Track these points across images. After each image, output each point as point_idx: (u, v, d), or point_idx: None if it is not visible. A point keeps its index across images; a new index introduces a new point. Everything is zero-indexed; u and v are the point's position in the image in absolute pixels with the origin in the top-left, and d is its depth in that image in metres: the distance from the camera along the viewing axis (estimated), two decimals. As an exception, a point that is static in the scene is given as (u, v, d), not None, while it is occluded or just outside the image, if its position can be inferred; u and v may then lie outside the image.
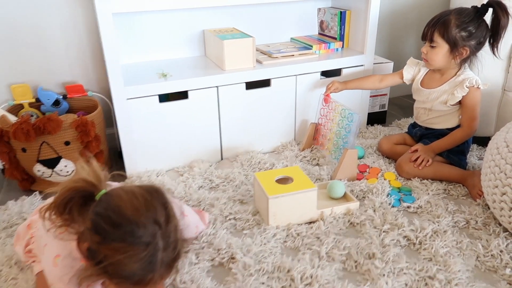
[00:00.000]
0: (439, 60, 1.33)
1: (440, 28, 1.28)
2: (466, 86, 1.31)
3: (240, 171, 1.44)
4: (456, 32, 1.27)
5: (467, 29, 1.27)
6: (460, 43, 1.28)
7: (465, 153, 1.42)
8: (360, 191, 1.31)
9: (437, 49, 1.31)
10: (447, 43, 1.29)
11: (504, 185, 1.05)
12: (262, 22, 1.72)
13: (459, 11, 1.29)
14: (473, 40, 1.28)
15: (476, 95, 1.33)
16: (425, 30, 1.33)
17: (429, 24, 1.32)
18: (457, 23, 1.27)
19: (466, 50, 1.29)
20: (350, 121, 1.36)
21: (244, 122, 1.53)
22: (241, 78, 1.46)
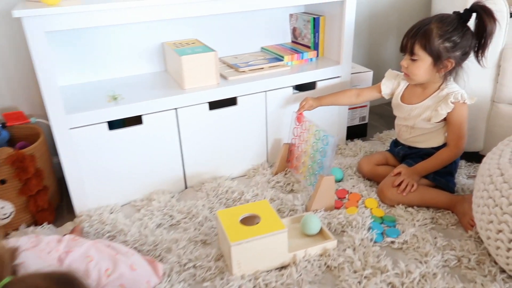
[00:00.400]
0: (421, 74, 1.18)
1: (421, 40, 1.14)
2: (451, 101, 1.18)
3: (204, 203, 1.28)
4: (439, 43, 1.13)
5: (451, 39, 1.13)
6: (444, 55, 1.14)
7: (453, 173, 1.29)
8: (338, 224, 1.16)
9: (419, 63, 1.17)
10: (430, 56, 1.15)
11: (500, 222, 0.91)
12: (229, 31, 1.56)
13: (441, 18, 1.15)
14: (458, 50, 1.14)
15: (462, 111, 1.19)
16: (404, 42, 1.19)
17: (408, 35, 1.17)
18: (439, 33, 1.13)
19: (451, 62, 1.15)
20: (325, 144, 1.22)
21: (209, 146, 1.37)
22: (203, 98, 1.30)
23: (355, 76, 1.60)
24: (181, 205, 1.27)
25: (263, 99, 1.40)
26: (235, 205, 1.28)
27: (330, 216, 1.20)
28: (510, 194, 0.89)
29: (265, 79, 1.38)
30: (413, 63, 1.18)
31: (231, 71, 1.43)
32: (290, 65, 1.50)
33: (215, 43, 1.53)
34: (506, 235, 0.89)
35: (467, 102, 1.18)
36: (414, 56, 1.16)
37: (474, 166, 1.43)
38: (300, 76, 1.44)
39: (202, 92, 1.29)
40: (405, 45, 1.18)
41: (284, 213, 1.23)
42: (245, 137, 1.42)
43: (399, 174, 1.24)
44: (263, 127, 1.44)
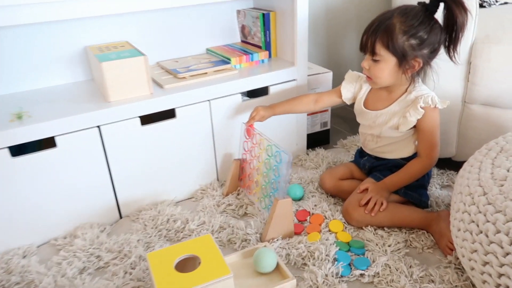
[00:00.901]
0: (385, 77, 1.02)
1: (382, 37, 0.97)
2: (421, 106, 1.02)
3: (140, 238, 1.06)
4: (404, 40, 0.97)
5: (417, 35, 0.97)
6: (410, 53, 0.98)
7: (426, 186, 1.14)
8: (298, 256, 0.98)
9: (382, 64, 1.01)
10: (394, 56, 0.99)
11: (486, 252, 0.76)
12: (169, 32, 1.35)
13: (404, 11, 0.98)
14: (425, 48, 0.98)
15: (433, 116, 1.04)
16: (363, 40, 1.02)
17: (368, 32, 1.00)
18: (403, 29, 0.96)
19: (418, 61, 0.99)
20: (278, 162, 1.03)
21: (145, 167, 1.16)
22: (133, 112, 1.09)
23: (313, 78, 1.43)
24: (112, 242, 1.05)
25: (207, 109, 1.20)
26: (177, 237, 1.08)
27: (288, 245, 1.02)
28: (497, 219, 0.74)
29: (209, 86, 1.18)
30: (376, 64, 1.02)
31: (169, 77, 1.23)
32: (238, 68, 1.31)
33: (152, 45, 1.32)
34: (494, 268, 0.74)
35: (438, 106, 1.03)
36: (376, 56, 1.00)
37: (447, 173, 1.29)
38: (250, 81, 1.25)
39: (131, 104, 1.08)
40: (365, 43, 1.01)
41: (235, 244, 1.04)
42: (188, 154, 1.22)
43: (366, 190, 1.08)
44: (209, 142, 1.24)
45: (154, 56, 1.36)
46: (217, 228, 1.09)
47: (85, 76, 1.27)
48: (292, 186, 1.21)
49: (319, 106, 1.22)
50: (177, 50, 1.40)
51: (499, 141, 0.93)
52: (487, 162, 0.87)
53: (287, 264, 0.97)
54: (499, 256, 0.73)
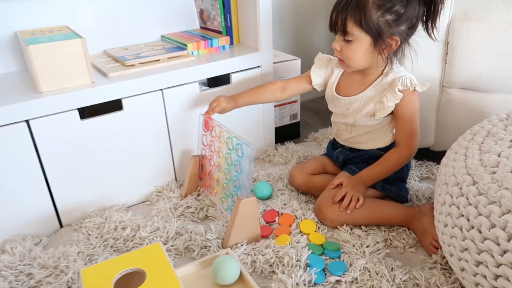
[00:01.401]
0: (359, 59, 0.91)
1: (354, 14, 0.86)
2: (399, 89, 0.92)
3: (82, 250, 0.91)
4: (379, 16, 0.85)
5: (393, 10, 0.86)
6: (386, 31, 0.87)
7: (405, 179, 1.03)
8: (265, 263, 0.85)
9: (355, 44, 0.89)
10: (368, 34, 0.87)
11: (480, 251, 0.65)
12: (120, 16, 1.20)
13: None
14: (403, 23, 0.87)
15: (413, 100, 0.94)
16: (332, 18, 0.90)
17: (337, 8, 0.88)
18: (377, 3, 0.85)
19: (395, 39, 0.88)
20: (240, 155, 0.90)
21: (89, 168, 1.01)
22: (69, 103, 0.93)
23: (280, 65, 1.31)
24: (47, 256, 0.89)
25: (160, 99, 1.05)
26: (126, 247, 0.93)
27: (254, 251, 0.89)
28: (492, 211, 0.63)
29: (161, 74, 1.04)
30: (348, 45, 0.90)
31: (115, 65, 1.08)
32: (196, 55, 1.18)
33: (99, 32, 1.18)
34: (490, 269, 0.63)
35: (418, 89, 0.92)
36: (348, 36, 0.88)
37: (426, 164, 1.19)
38: (209, 68, 1.11)
39: (68, 95, 0.93)
40: (335, 22, 0.90)
41: (194, 252, 0.90)
42: (140, 152, 1.07)
43: (340, 185, 0.96)
44: (164, 137, 1.10)
45: (101, 44, 1.20)
46: (172, 234, 0.94)
47: (19, 66, 1.10)
48: (259, 184, 1.08)
49: (287, 94, 1.09)
50: (128, 37, 1.25)
51: (485, 125, 0.83)
52: (474, 148, 0.77)
53: (253, 273, 0.84)
54: (495, 255, 0.62)
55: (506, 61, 1.02)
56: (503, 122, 0.80)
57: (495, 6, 1.01)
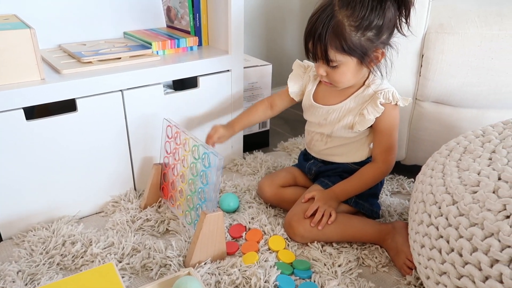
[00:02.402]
0: (349, 79, 0.87)
1: (333, 42, 0.80)
2: (380, 103, 0.88)
3: (22, 268, 0.80)
4: (359, 36, 0.80)
5: (372, 26, 0.80)
6: (370, 47, 0.82)
7: (378, 194, 1.00)
8: (230, 284, 0.78)
9: (342, 68, 0.84)
10: (353, 56, 0.82)
11: (459, 276, 0.61)
12: (78, 10, 1.09)
13: (342, 3, 0.79)
14: (384, 34, 0.83)
15: (393, 114, 0.90)
16: (309, 47, 0.84)
17: (313, 38, 0.82)
18: (354, 24, 0.79)
19: (380, 51, 0.84)
20: (206, 166, 0.83)
21: (35, 174, 0.90)
22: (14, 101, 0.83)
23: (251, 70, 1.25)
24: (-19, 275, 0.78)
25: (119, 101, 0.97)
26: (74, 265, 0.83)
27: (219, 270, 0.81)
28: (474, 234, 0.59)
29: (121, 73, 0.95)
30: (334, 70, 0.85)
31: (70, 62, 0.98)
32: (161, 55, 1.10)
33: (54, 25, 1.07)
34: (471, 295, 0.60)
35: (399, 104, 0.89)
36: (333, 63, 0.83)
37: (397, 178, 1.17)
38: (175, 69, 1.04)
39: (13, 92, 0.82)
40: (314, 52, 0.84)
41: (152, 272, 0.81)
42: (96, 158, 0.97)
43: (312, 199, 0.91)
44: (123, 142, 1.00)
45: (56, 38, 1.10)
46: (129, 251, 0.85)
47: (-42, 57, 0.98)
48: (225, 196, 1.01)
49: (276, 110, 1.06)
50: (87, 32, 1.14)
51: (461, 141, 0.80)
52: (452, 165, 0.74)
53: (217, 296, 0.77)
54: (476, 281, 0.58)
55: (479, 77, 1.01)
56: (479, 138, 0.78)
57: (470, 20, 1.00)
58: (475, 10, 1.03)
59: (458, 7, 1.06)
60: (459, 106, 1.08)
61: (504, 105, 1.06)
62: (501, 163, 0.67)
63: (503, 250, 0.56)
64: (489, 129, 0.80)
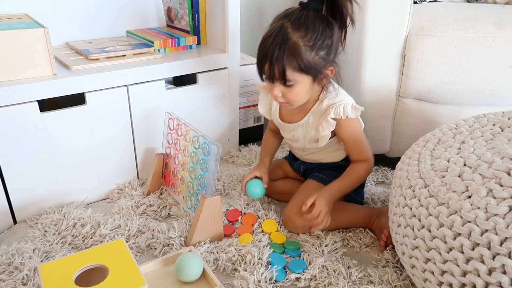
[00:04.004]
0: (303, 97, 0.91)
1: (291, 62, 0.84)
2: (331, 118, 0.92)
3: (38, 247, 0.88)
4: (314, 55, 0.85)
5: (324, 45, 0.85)
6: (322, 65, 0.87)
7: (363, 184, 1.08)
8: (228, 261, 0.86)
9: (297, 87, 0.88)
10: (309, 74, 0.87)
11: (428, 248, 0.70)
12: (84, 9, 1.17)
13: (297, 22, 0.84)
14: (333, 52, 0.88)
15: (351, 125, 0.94)
16: (265, 68, 0.87)
17: (270, 59, 0.84)
18: (309, 44, 0.84)
19: (330, 68, 0.89)
20: (206, 154, 0.91)
21: (46, 162, 0.98)
22: (29, 95, 0.90)
23: (245, 68, 1.33)
24: (0, 252, 0.85)
25: (125, 95, 1.04)
26: (85, 244, 0.91)
27: (217, 249, 0.90)
28: (441, 212, 0.68)
29: (126, 69, 1.03)
30: (290, 89, 0.88)
31: (79, 58, 1.05)
32: (162, 53, 1.17)
33: (61, 23, 1.14)
34: (437, 265, 0.68)
35: (350, 116, 0.92)
36: (289, 82, 0.86)
37: (382, 170, 1.26)
38: (176, 66, 1.11)
39: (27, 86, 0.90)
40: (271, 73, 0.86)
41: (156, 250, 0.90)
42: (102, 148, 1.05)
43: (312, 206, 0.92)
44: (127, 133, 1.08)
45: (63, 36, 1.17)
46: (134, 232, 0.94)
47: (-27, 54, 1.05)
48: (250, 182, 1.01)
49: (279, 135, 1.10)
50: (92, 31, 1.22)
51: (436, 133, 0.89)
52: (426, 154, 0.83)
53: (216, 270, 0.85)
54: (442, 252, 0.67)
55: (456, 76, 1.10)
56: (452, 131, 0.87)
57: (448, 23, 1.08)
58: (453, 14, 1.12)
59: (437, 11, 1.15)
60: (438, 102, 1.17)
61: (478, 102, 1.15)
62: (468, 152, 0.76)
63: (464, 224, 0.65)
64: (461, 123, 0.89)
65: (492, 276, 0.61)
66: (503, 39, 1.06)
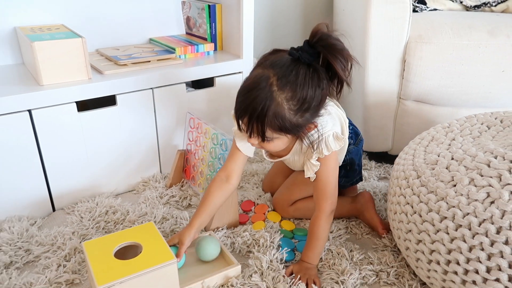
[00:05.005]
0: (280, 148, 0.88)
1: (272, 124, 0.78)
2: (315, 160, 0.88)
3: (76, 230, 1.00)
4: (298, 118, 0.79)
5: (311, 108, 0.79)
6: (305, 124, 0.82)
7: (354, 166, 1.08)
8: (243, 244, 0.97)
9: (276, 141, 0.84)
10: (289, 134, 0.82)
11: (419, 231, 0.80)
12: (110, 19, 1.29)
13: (284, 80, 0.76)
14: (319, 110, 0.82)
15: (327, 162, 0.89)
16: (244, 123, 0.81)
17: (250, 116, 0.78)
18: (293, 108, 0.77)
19: (314, 123, 0.84)
20: (224, 149, 1.02)
21: (82, 157, 1.10)
22: (68, 96, 1.02)
23: (258, 72, 1.44)
24: (43, 235, 0.98)
25: (150, 97, 1.16)
26: (116, 229, 1.03)
27: (233, 234, 1.01)
28: (430, 199, 0.78)
29: (152, 74, 1.15)
30: (268, 142, 0.83)
31: (109, 64, 1.17)
32: (183, 58, 1.29)
33: (90, 32, 1.26)
34: (427, 245, 0.79)
35: (334, 149, 0.87)
36: (267, 139, 0.81)
37: (384, 166, 1.36)
38: (195, 71, 1.23)
39: (67, 89, 1.02)
40: (250, 129, 0.79)
41: (179, 235, 1.01)
42: (130, 144, 1.17)
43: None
44: (152, 131, 1.20)
45: (93, 43, 1.29)
46: (159, 219, 1.05)
47: (15, 60, 1.18)
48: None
49: (234, 179, 0.95)
50: (118, 38, 1.34)
51: (430, 132, 0.99)
52: (420, 150, 0.93)
53: (232, 252, 0.96)
54: (430, 234, 0.77)
55: (452, 79, 1.19)
56: (445, 129, 0.97)
57: (444, 32, 1.18)
58: (449, 23, 1.22)
59: (435, 20, 1.25)
60: (436, 104, 1.27)
61: (474, 104, 1.25)
62: (456, 147, 0.86)
63: (449, 209, 0.75)
64: (453, 122, 0.99)
65: (472, 253, 0.71)
66: (496, 46, 1.16)
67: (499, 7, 1.46)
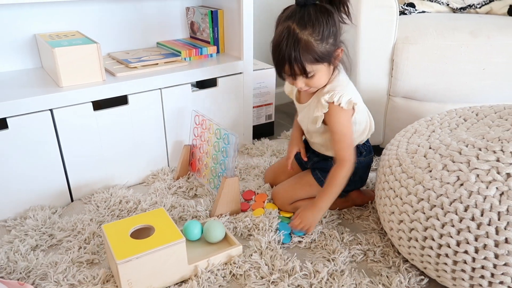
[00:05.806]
0: (324, 80, 1.01)
1: (306, 57, 0.93)
2: (325, 100, 0.99)
3: (93, 217, 1.11)
4: (324, 45, 0.94)
5: (331, 34, 0.95)
6: (333, 50, 0.97)
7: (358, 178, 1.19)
8: (244, 228, 1.08)
9: (318, 74, 0.98)
10: (324, 62, 0.97)
11: (400, 212, 0.90)
12: (119, 25, 1.40)
13: (302, 21, 0.93)
14: (339, 34, 0.98)
15: (336, 115, 1.00)
16: (286, 69, 0.96)
17: (289, 60, 0.94)
18: (318, 38, 0.93)
19: (341, 48, 0.99)
20: (226, 143, 1.13)
21: (97, 152, 1.20)
22: (85, 97, 1.13)
23: (258, 73, 1.55)
24: (64, 222, 1.08)
25: (159, 97, 1.27)
26: (130, 216, 1.13)
27: (236, 220, 1.11)
28: (409, 183, 0.88)
29: (160, 75, 1.25)
30: (311, 79, 0.98)
31: (121, 67, 1.28)
32: (188, 60, 1.40)
33: (102, 37, 1.37)
34: (406, 225, 0.89)
35: (343, 106, 0.98)
36: (310, 73, 0.96)
37: (376, 159, 1.45)
38: (199, 72, 1.33)
39: (84, 90, 1.12)
40: (293, 72, 0.96)
41: (186, 221, 1.11)
42: (140, 140, 1.28)
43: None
44: (160, 128, 1.31)
45: (104, 48, 1.40)
46: (169, 207, 1.15)
47: (34, 64, 1.29)
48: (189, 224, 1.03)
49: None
50: (128, 43, 1.45)
51: (414, 125, 1.09)
52: (404, 141, 1.03)
53: (235, 235, 1.07)
54: (409, 214, 0.87)
55: (437, 77, 1.29)
56: (427, 122, 1.07)
57: (429, 33, 1.28)
58: (434, 24, 1.32)
59: (421, 22, 1.35)
60: (423, 100, 1.36)
61: (458, 100, 1.34)
62: (434, 138, 0.96)
63: (425, 191, 0.85)
64: (435, 116, 1.09)
65: (444, 229, 0.81)
66: (476, 46, 1.25)
67: (483, 9, 1.55)
